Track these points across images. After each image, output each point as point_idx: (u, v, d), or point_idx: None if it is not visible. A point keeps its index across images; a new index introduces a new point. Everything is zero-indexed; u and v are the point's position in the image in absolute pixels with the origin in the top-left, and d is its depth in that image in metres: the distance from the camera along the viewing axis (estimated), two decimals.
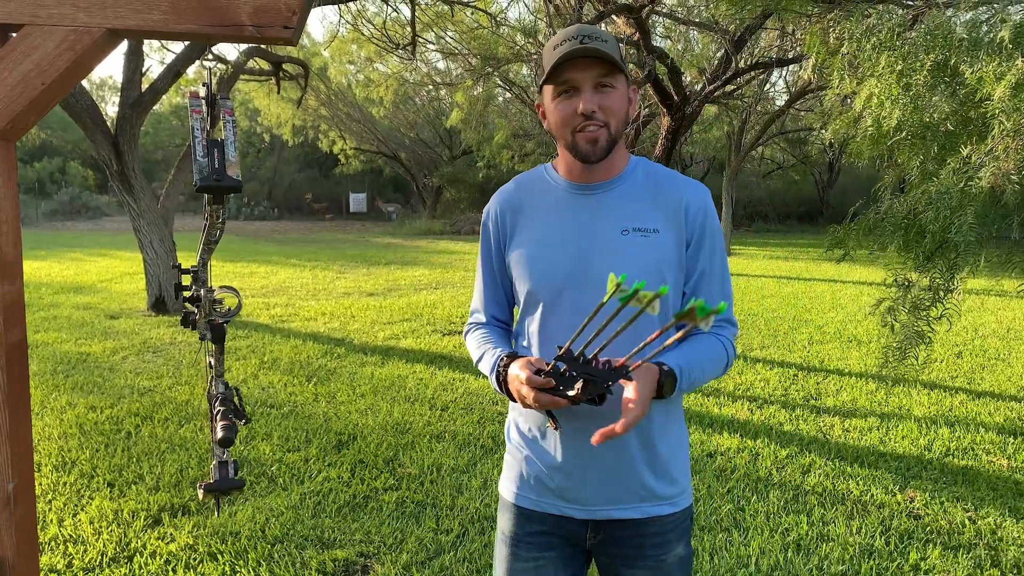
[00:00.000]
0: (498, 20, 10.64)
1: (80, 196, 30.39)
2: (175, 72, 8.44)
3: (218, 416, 1.52)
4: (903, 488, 3.68)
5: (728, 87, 9.44)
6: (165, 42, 10.08)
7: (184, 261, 2.06)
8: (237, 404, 1.61)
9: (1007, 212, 2.54)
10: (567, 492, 1.44)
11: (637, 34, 6.65)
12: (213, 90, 1.36)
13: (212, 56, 10.01)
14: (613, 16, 6.76)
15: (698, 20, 9.39)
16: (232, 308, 1.71)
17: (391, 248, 18.76)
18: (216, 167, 1.21)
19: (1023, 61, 2.34)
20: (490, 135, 18.08)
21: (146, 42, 8.88)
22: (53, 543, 3.05)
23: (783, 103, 16.12)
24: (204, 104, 1.32)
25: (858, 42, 2.80)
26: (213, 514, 3.29)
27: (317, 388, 5.39)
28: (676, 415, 1.49)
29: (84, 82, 10.89)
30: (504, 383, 1.39)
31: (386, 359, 6.37)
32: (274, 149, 33.32)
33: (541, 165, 1.56)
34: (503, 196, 1.54)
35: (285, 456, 4.00)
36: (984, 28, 2.65)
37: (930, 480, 3.79)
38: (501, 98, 17.36)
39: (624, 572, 1.47)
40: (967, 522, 3.31)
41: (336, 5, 9.42)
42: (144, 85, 8.55)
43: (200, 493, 1.55)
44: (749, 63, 8.84)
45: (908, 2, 4.01)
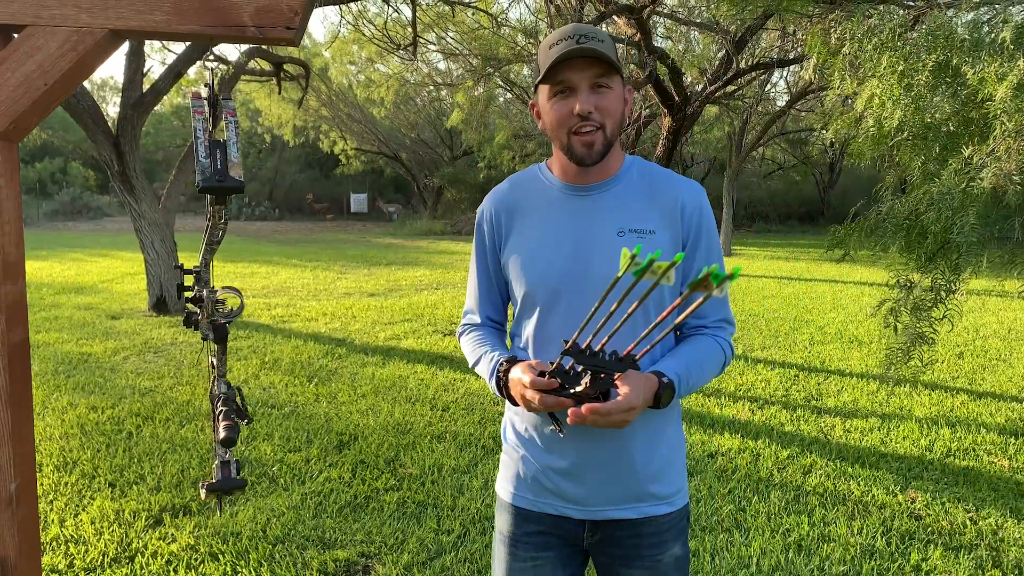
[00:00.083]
0: (499, 21, 10.64)
1: (81, 196, 30.42)
2: (176, 73, 8.45)
3: (220, 416, 1.52)
4: (904, 489, 3.68)
5: (729, 88, 9.44)
6: (166, 43, 10.08)
7: (185, 261, 2.06)
8: (239, 404, 1.61)
9: (1009, 213, 2.54)
10: (565, 492, 1.44)
11: (638, 35, 6.65)
12: (215, 91, 1.37)
13: (213, 57, 10.01)
14: (614, 16, 6.76)
15: (699, 21, 9.39)
16: (234, 308, 1.71)
17: (392, 248, 18.76)
18: (218, 168, 1.21)
19: None
20: (491, 136, 18.09)
21: (147, 43, 8.88)
22: (54, 543, 3.05)
23: (784, 104, 16.11)
24: (206, 105, 1.32)
25: (859, 42, 2.80)
26: (214, 514, 3.29)
27: (318, 388, 5.40)
28: (674, 415, 1.49)
29: (85, 83, 10.89)
30: (505, 388, 1.39)
31: (387, 359, 6.37)
32: (275, 150, 33.35)
33: (535, 165, 1.54)
34: (497, 196, 1.53)
35: (286, 456, 4.00)
36: (985, 29, 2.65)
37: (931, 481, 3.78)
38: (502, 99, 17.38)
39: (622, 572, 1.47)
40: (968, 523, 3.30)
41: (337, 6, 9.42)
42: (145, 86, 8.57)
43: (202, 493, 1.55)
44: (750, 64, 8.85)
45: (909, 2, 4.01)
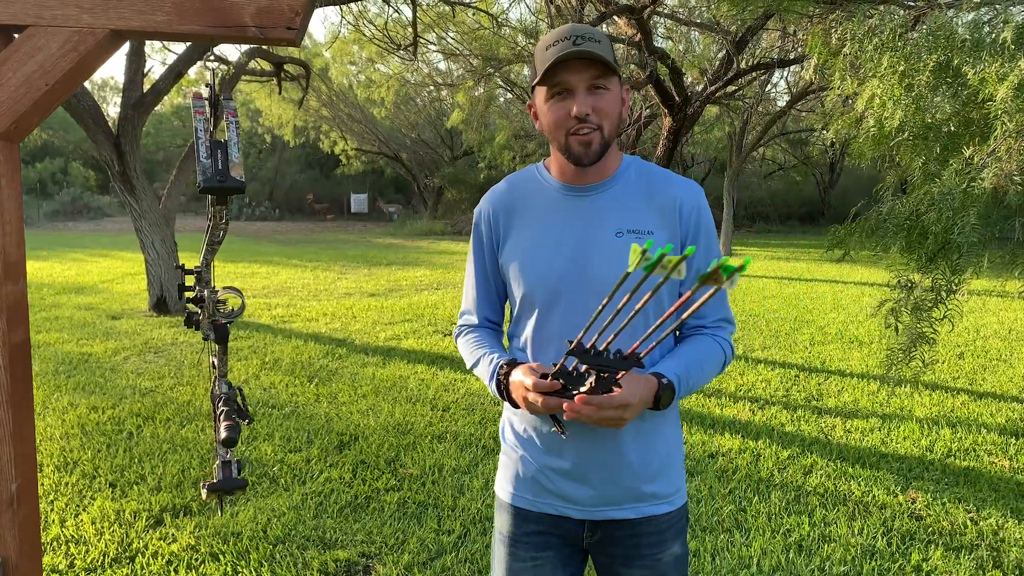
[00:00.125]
0: (499, 21, 10.64)
1: (82, 197, 30.43)
2: (177, 73, 8.46)
3: (221, 416, 1.52)
4: (905, 489, 3.68)
5: (729, 88, 9.43)
6: (167, 43, 10.08)
7: (186, 262, 2.06)
8: (240, 404, 1.61)
9: (1010, 213, 2.54)
10: (564, 492, 1.44)
11: (638, 35, 6.65)
12: (216, 91, 1.37)
13: (213, 57, 10.01)
14: (614, 17, 6.76)
15: (699, 21, 9.38)
16: (235, 309, 1.71)
17: (392, 249, 18.76)
18: (220, 168, 1.21)
19: None
20: (491, 136, 18.09)
21: (148, 43, 8.88)
22: (55, 543, 3.05)
23: (784, 104, 16.10)
24: (207, 105, 1.32)
25: (860, 43, 2.79)
26: (215, 514, 3.29)
27: (319, 389, 5.40)
28: (672, 415, 1.49)
29: (86, 83, 10.89)
30: (506, 390, 1.39)
31: (387, 360, 6.37)
32: (275, 150, 33.35)
33: (532, 165, 1.54)
34: (495, 196, 1.53)
35: (287, 456, 4.00)
36: (986, 29, 2.65)
37: (932, 481, 3.78)
38: (502, 99, 17.37)
39: (621, 571, 1.47)
40: (969, 523, 3.30)
41: (337, 6, 9.42)
42: (146, 86, 8.57)
43: (203, 493, 1.55)
44: (750, 64, 8.85)
45: (910, 3, 4.01)
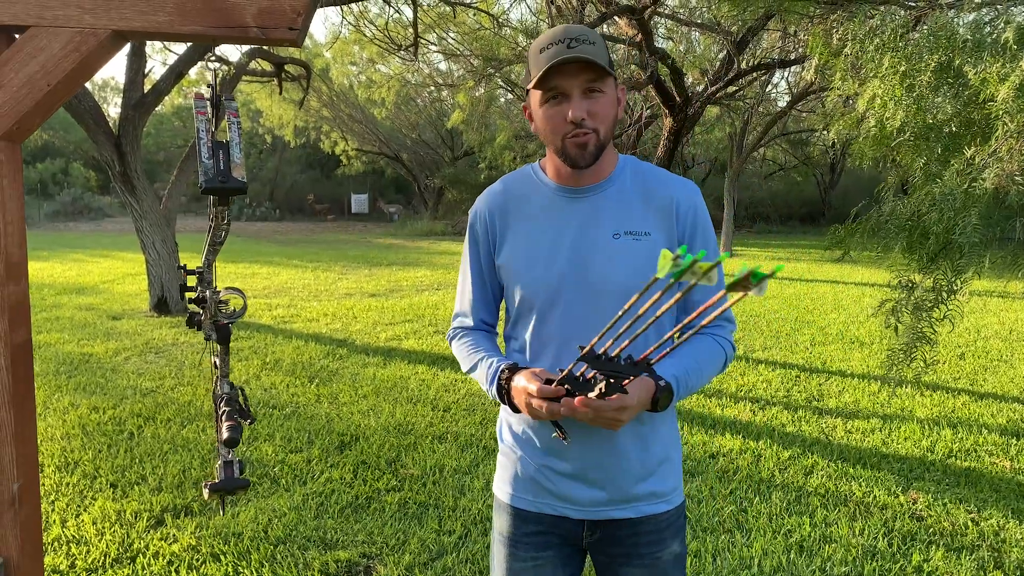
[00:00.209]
0: (500, 21, 10.64)
1: (82, 197, 30.43)
2: (177, 73, 8.46)
3: (223, 416, 1.52)
4: (906, 490, 3.67)
5: (730, 88, 9.44)
6: (168, 43, 10.08)
7: (187, 262, 2.06)
8: (242, 404, 1.61)
9: (1011, 213, 2.54)
10: (563, 492, 1.44)
11: (639, 35, 6.64)
12: (217, 92, 1.37)
13: (214, 57, 10.00)
14: (615, 17, 6.76)
15: (700, 21, 9.38)
16: (237, 309, 1.71)
17: (393, 249, 18.76)
18: (221, 169, 1.21)
19: None
20: (492, 136, 18.09)
21: (148, 43, 8.89)
22: (56, 543, 3.05)
23: (785, 104, 16.10)
24: (209, 105, 1.32)
25: (861, 43, 2.79)
26: (216, 515, 3.29)
27: (319, 389, 5.40)
28: (669, 414, 1.49)
29: (87, 83, 10.90)
30: (507, 395, 1.38)
31: (388, 360, 6.37)
32: (276, 150, 33.36)
33: (528, 165, 1.53)
34: (491, 197, 1.52)
35: (287, 457, 4.00)
36: (987, 29, 2.65)
37: (933, 482, 3.78)
38: (503, 99, 17.36)
39: (621, 571, 1.47)
40: (970, 524, 3.30)
41: (338, 6, 9.42)
42: (147, 86, 8.57)
43: (205, 493, 1.55)
44: (751, 64, 8.85)
45: (911, 3, 4.01)
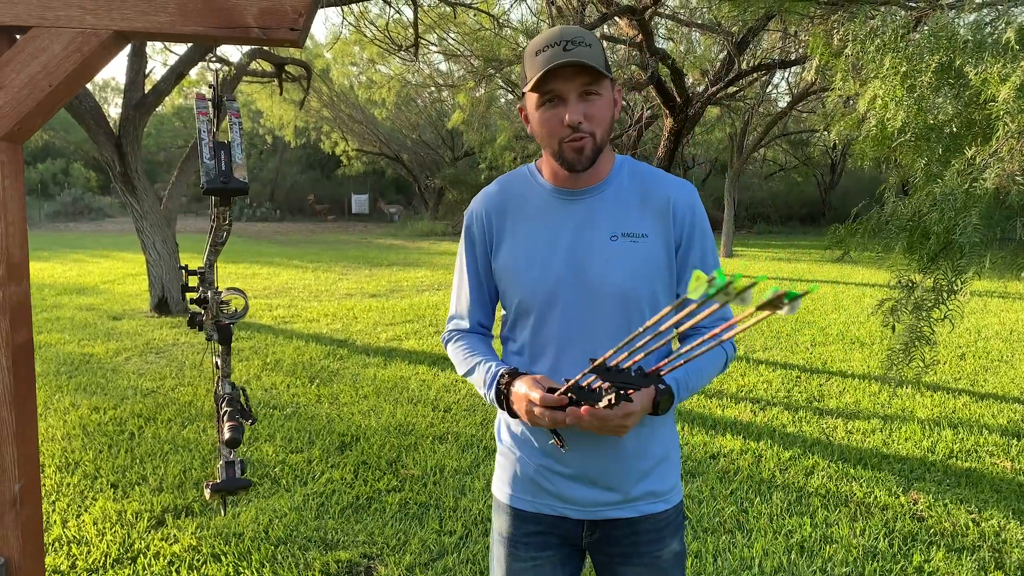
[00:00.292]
0: (500, 22, 10.64)
1: (83, 197, 30.45)
2: (178, 74, 8.47)
3: (225, 417, 1.52)
4: (907, 490, 3.67)
5: (731, 89, 9.44)
6: (168, 44, 10.08)
7: (187, 262, 2.07)
8: (244, 404, 1.61)
9: (1012, 213, 2.53)
10: (563, 493, 1.44)
11: (640, 36, 6.64)
12: (218, 92, 1.37)
13: (215, 58, 10.01)
14: (616, 18, 6.76)
15: (700, 22, 9.38)
16: (239, 310, 1.71)
17: (393, 249, 18.77)
18: (223, 169, 1.21)
19: None
20: (492, 137, 18.09)
21: (149, 44, 8.89)
22: (57, 544, 3.05)
23: (785, 105, 16.11)
24: (211, 106, 1.32)
25: (862, 44, 2.79)
26: (216, 515, 3.29)
27: (320, 389, 5.40)
28: (668, 414, 1.49)
29: (88, 83, 10.91)
30: (506, 400, 1.37)
31: (389, 360, 6.37)
32: (276, 151, 33.38)
33: (524, 166, 1.52)
34: (487, 198, 1.51)
35: (288, 457, 4.00)
36: (988, 29, 2.65)
37: (934, 482, 3.78)
38: (503, 100, 17.37)
39: (620, 570, 1.47)
40: (971, 524, 3.30)
41: (339, 7, 9.43)
42: (147, 87, 8.57)
43: (207, 493, 1.55)
44: (752, 65, 8.85)
45: (911, 3, 4.01)
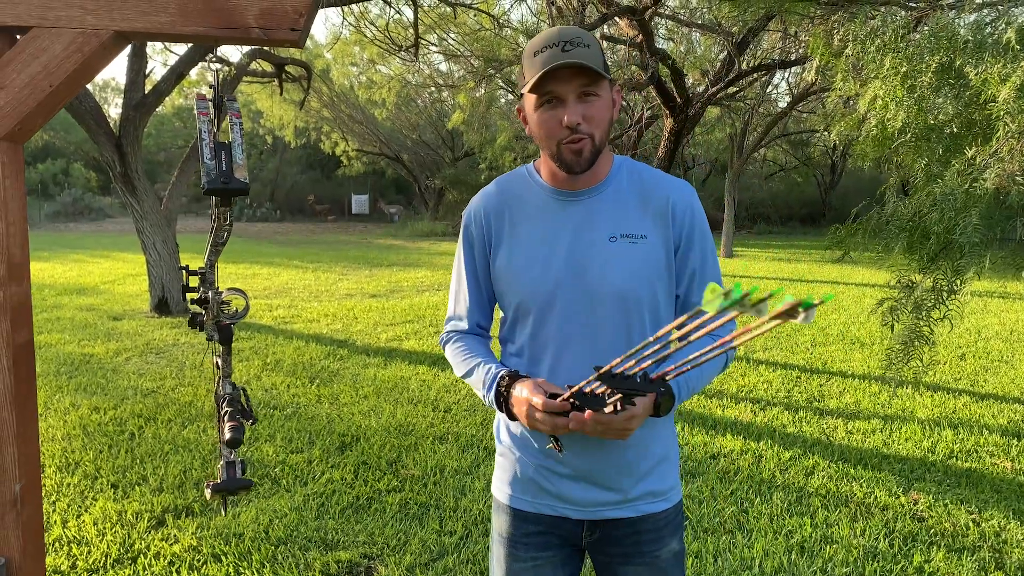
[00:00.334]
0: (500, 22, 10.65)
1: (83, 198, 30.46)
2: (178, 74, 8.47)
3: (226, 417, 1.52)
4: (907, 490, 3.67)
5: (731, 89, 9.44)
6: (168, 44, 10.08)
7: (188, 263, 2.07)
8: (244, 404, 1.61)
9: (1012, 213, 2.53)
10: (563, 493, 1.44)
11: (640, 36, 6.65)
12: (219, 92, 1.37)
13: (215, 58, 10.01)
14: (616, 18, 6.76)
15: (701, 22, 9.38)
16: (239, 310, 1.71)
17: (393, 250, 18.77)
18: (224, 170, 1.21)
19: None
20: (492, 137, 18.08)
21: (149, 44, 8.89)
22: (57, 544, 3.05)
23: (785, 105, 16.11)
24: (211, 106, 1.32)
25: (862, 44, 2.79)
26: (217, 515, 3.29)
27: (320, 390, 5.40)
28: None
29: (88, 84, 10.90)
30: (506, 403, 1.37)
31: (389, 361, 6.37)
32: (276, 151, 33.39)
33: (522, 166, 1.52)
34: (486, 199, 1.50)
35: (288, 457, 4.00)
36: (988, 30, 2.65)
37: (934, 482, 3.78)
38: (503, 100, 17.37)
39: (620, 570, 1.48)
40: (971, 524, 3.30)
41: (339, 7, 9.43)
42: (147, 87, 8.57)
43: (207, 493, 1.55)
44: (752, 65, 8.85)
45: (912, 4, 4.01)
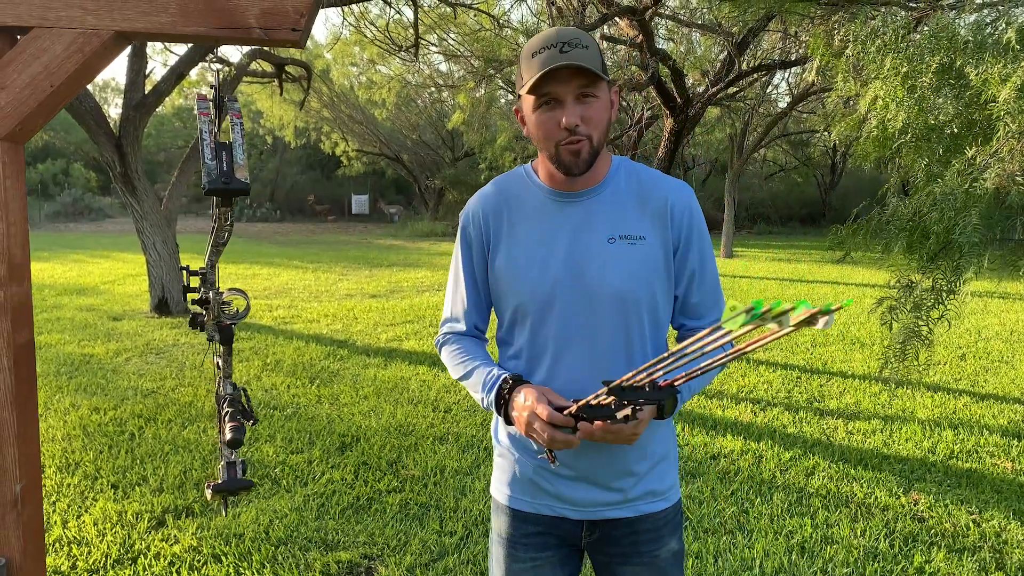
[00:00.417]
0: (500, 22, 10.65)
1: (83, 198, 30.45)
2: (178, 74, 8.47)
3: (226, 417, 1.52)
4: (907, 491, 3.67)
5: (731, 89, 9.44)
6: (168, 44, 10.09)
7: (188, 263, 2.06)
8: (245, 405, 1.61)
9: (1011, 213, 2.54)
10: (562, 494, 1.44)
11: (640, 36, 6.65)
12: (220, 92, 1.37)
13: (215, 58, 10.02)
14: (616, 18, 6.76)
15: (701, 22, 9.39)
16: (240, 310, 1.71)
17: (393, 250, 18.77)
18: (224, 170, 1.21)
19: None
20: (492, 137, 18.09)
21: (149, 44, 8.90)
22: (57, 544, 3.05)
23: (786, 105, 16.12)
24: (212, 106, 1.32)
25: (862, 44, 2.79)
26: (217, 516, 3.29)
27: (320, 390, 5.40)
28: None
29: (88, 84, 10.89)
30: (505, 406, 1.36)
31: (389, 361, 6.37)
32: (276, 151, 33.39)
33: (520, 167, 1.51)
34: (484, 199, 1.49)
35: (289, 458, 4.00)
36: (989, 30, 2.65)
37: (934, 483, 3.78)
38: (503, 100, 17.37)
39: (620, 570, 1.48)
40: (972, 525, 3.30)
41: (339, 7, 9.43)
42: (147, 87, 8.57)
43: (208, 494, 1.55)
44: (752, 65, 8.85)
45: (912, 4, 4.01)
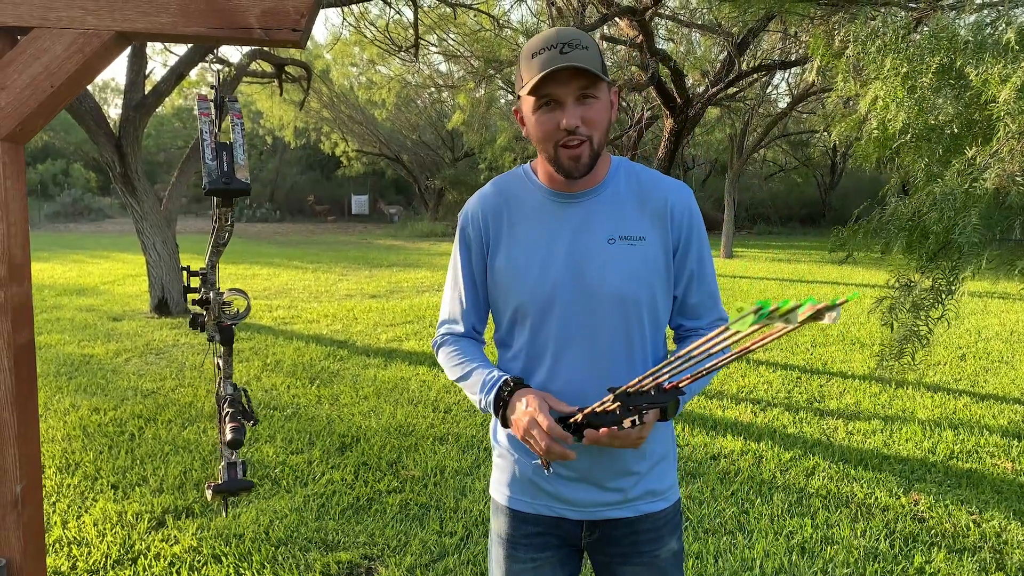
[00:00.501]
0: (500, 23, 10.65)
1: (83, 198, 30.45)
2: (178, 74, 8.47)
3: (227, 418, 1.52)
4: (907, 491, 3.67)
5: (731, 89, 9.45)
6: (168, 44, 10.09)
7: (188, 263, 2.06)
8: (245, 405, 1.61)
9: (1011, 214, 2.54)
10: (561, 494, 1.44)
11: (640, 36, 6.65)
12: (220, 92, 1.37)
13: (215, 58, 10.02)
14: (616, 18, 6.76)
15: (701, 22, 9.39)
16: (240, 310, 1.71)
17: (393, 250, 18.77)
18: (225, 170, 1.21)
19: None
20: (492, 137, 18.09)
21: (150, 44, 8.90)
22: (57, 545, 3.05)
23: (785, 105, 16.12)
24: (212, 107, 1.32)
25: (863, 45, 2.79)
26: (217, 516, 3.29)
27: (320, 390, 5.40)
28: None
29: (89, 84, 10.88)
30: (504, 409, 1.36)
31: (389, 361, 6.37)
32: (276, 151, 33.39)
33: (519, 167, 1.50)
34: (483, 200, 1.49)
35: (288, 458, 4.00)
36: (989, 30, 2.65)
37: (934, 483, 3.78)
38: (503, 100, 17.37)
39: (620, 570, 1.48)
40: (972, 525, 3.30)
41: (339, 8, 9.43)
42: (147, 87, 8.57)
43: (208, 494, 1.55)
44: (752, 65, 8.85)
45: (912, 4, 4.01)
